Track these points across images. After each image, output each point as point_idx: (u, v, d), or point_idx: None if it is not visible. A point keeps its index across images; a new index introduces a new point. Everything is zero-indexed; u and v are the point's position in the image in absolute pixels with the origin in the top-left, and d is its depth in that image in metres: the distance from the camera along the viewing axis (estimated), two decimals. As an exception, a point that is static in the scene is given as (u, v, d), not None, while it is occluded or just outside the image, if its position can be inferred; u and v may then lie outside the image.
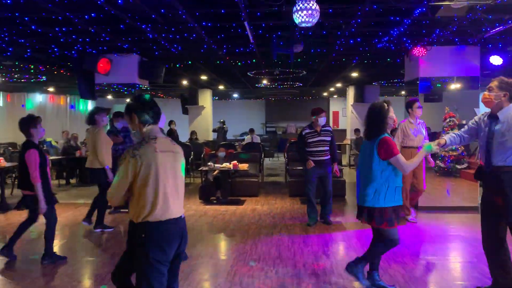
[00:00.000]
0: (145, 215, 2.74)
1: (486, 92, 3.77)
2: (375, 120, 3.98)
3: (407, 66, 9.01)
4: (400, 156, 3.86)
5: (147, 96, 2.96)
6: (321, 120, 6.95)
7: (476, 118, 4.02)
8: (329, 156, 7.03)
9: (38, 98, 17.78)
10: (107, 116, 7.14)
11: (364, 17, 5.92)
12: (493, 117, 3.76)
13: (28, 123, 5.06)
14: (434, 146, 4.01)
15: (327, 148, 6.99)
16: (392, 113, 4.03)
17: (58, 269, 5.12)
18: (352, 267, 4.24)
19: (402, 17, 5.99)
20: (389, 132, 4.08)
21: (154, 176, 2.75)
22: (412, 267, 4.99)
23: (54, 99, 18.73)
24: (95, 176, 6.78)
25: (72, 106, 19.78)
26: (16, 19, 5.77)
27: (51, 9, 5.32)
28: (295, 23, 4.81)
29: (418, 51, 7.89)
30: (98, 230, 6.81)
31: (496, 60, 7.91)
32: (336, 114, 24.34)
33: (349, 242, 6.15)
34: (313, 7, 4.57)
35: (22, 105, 16.89)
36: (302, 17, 4.62)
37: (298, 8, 4.61)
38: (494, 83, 3.72)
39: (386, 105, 3.98)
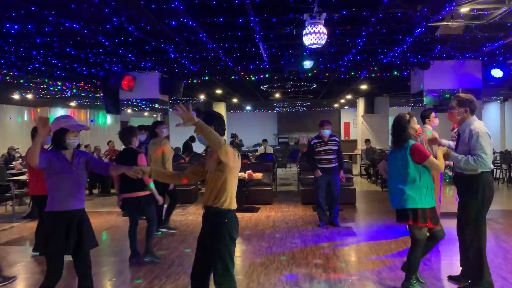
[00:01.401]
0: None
1: (449, 111, 4.31)
2: (398, 130, 4.42)
3: (413, 79, 9.48)
4: (432, 158, 4.29)
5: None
6: (324, 132, 7.52)
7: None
8: (336, 164, 7.62)
9: (60, 112, 18.61)
10: (167, 128, 7.60)
11: (368, 37, 6.46)
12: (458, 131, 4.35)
13: (130, 133, 5.76)
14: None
15: (334, 156, 7.58)
16: (414, 124, 4.45)
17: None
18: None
19: (404, 36, 6.51)
20: (415, 140, 4.53)
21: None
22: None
23: (75, 114, 19.56)
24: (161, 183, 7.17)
25: (92, 120, 20.59)
26: (53, 43, 6.43)
27: (86, 34, 5.96)
28: (305, 45, 5.36)
29: (423, 65, 8.33)
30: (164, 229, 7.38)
31: (497, 73, 8.35)
32: (347, 124, 24.77)
33: (359, 245, 6.59)
34: (321, 31, 5.11)
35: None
36: (311, 39, 5.16)
37: (307, 32, 5.16)
38: (454, 102, 4.28)
39: (408, 116, 4.43)
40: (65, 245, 3.46)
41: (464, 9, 5.25)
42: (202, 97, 15.21)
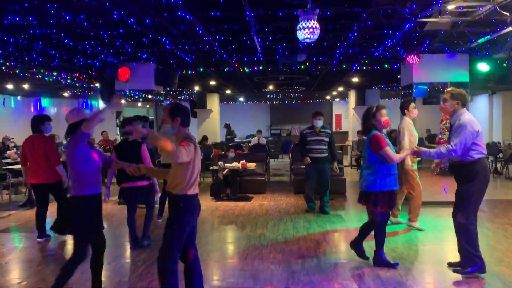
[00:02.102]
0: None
1: (442, 103, 4.60)
2: (364, 120, 4.96)
3: (403, 73, 9.75)
4: (386, 149, 4.63)
5: (185, 106, 3.86)
6: (316, 122, 7.82)
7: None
8: (326, 154, 7.91)
9: (53, 102, 18.67)
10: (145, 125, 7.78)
11: (360, 31, 6.68)
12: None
13: (132, 124, 6.05)
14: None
15: (325, 147, 7.90)
16: (380, 116, 4.79)
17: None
18: (353, 244, 5.22)
19: (394, 31, 6.74)
20: (382, 130, 4.85)
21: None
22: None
23: (68, 104, 19.59)
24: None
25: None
26: (53, 34, 6.57)
27: (85, 26, 6.11)
28: (299, 39, 5.57)
29: (412, 59, 8.62)
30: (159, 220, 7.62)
31: (483, 67, 8.64)
32: (338, 116, 25.07)
33: (347, 231, 6.87)
34: (314, 25, 5.33)
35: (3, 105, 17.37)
36: (305, 34, 5.37)
37: (301, 26, 5.37)
38: (447, 95, 4.59)
39: (374, 108, 4.79)
40: (98, 225, 3.97)
41: (451, 6, 5.49)
42: (196, 88, 15.37)
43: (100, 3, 4.93)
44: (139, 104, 20.70)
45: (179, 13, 5.54)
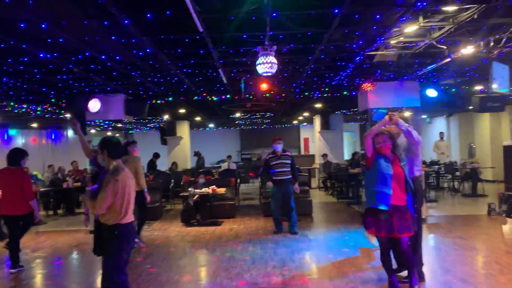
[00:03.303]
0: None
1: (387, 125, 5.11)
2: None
3: (360, 99, 10.44)
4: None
5: (115, 139, 4.31)
6: (275, 147, 8.45)
7: None
8: (289, 176, 8.40)
9: (21, 133, 18.55)
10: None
11: (316, 63, 7.29)
12: None
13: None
14: None
15: (288, 169, 8.39)
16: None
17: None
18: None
19: (346, 63, 7.38)
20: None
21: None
22: (360, 265, 6.16)
23: (37, 135, 19.49)
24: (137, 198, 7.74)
25: (54, 140, 20.54)
26: (26, 70, 6.86)
27: (58, 62, 6.45)
28: (259, 73, 6.09)
29: (366, 86, 9.29)
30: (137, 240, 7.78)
31: (431, 92, 9.40)
32: (306, 140, 25.80)
33: (313, 251, 7.27)
34: (272, 61, 5.86)
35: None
36: (264, 68, 5.90)
37: (260, 62, 5.90)
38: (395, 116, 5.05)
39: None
40: None
41: (393, 41, 6.15)
42: (166, 116, 15.71)
43: (74, 43, 5.30)
44: (109, 133, 20.84)
45: (148, 50, 5.98)
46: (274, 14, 4.64)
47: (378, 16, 5.04)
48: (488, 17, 4.97)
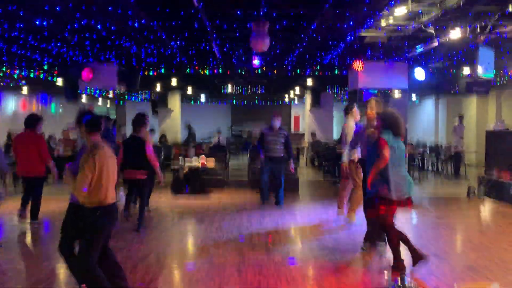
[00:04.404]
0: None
1: (368, 110, 5.27)
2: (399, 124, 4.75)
3: (350, 79, 10.62)
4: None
5: (93, 113, 4.17)
6: (274, 123, 8.41)
7: None
8: (281, 155, 8.52)
9: (12, 99, 18.45)
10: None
11: (308, 41, 7.42)
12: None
13: (139, 122, 6.71)
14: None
15: (280, 147, 8.47)
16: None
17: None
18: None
19: (338, 42, 7.52)
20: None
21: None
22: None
23: (27, 102, 19.38)
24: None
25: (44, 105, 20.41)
26: (20, 36, 6.90)
27: (53, 30, 6.50)
28: (251, 48, 6.22)
29: (356, 65, 9.45)
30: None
31: (419, 75, 9.60)
32: (297, 118, 25.95)
33: (296, 223, 7.56)
34: (265, 37, 5.99)
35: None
36: (256, 44, 6.03)
37: (253, 38, 6.03)
38: (372, 102, 5.21)
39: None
40: None
41: (383, 23, 6.30)
42: (158, 87, 15.71)
43: (71, 12, 5.37)
44: (99, 102, 20.75)
45: (143, 21, 6.06)
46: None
47: (368, -1, 5.20)
48: (473, 5, 5.14)
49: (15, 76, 11.59)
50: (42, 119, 6.90)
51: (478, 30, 6.19)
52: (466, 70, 9.73)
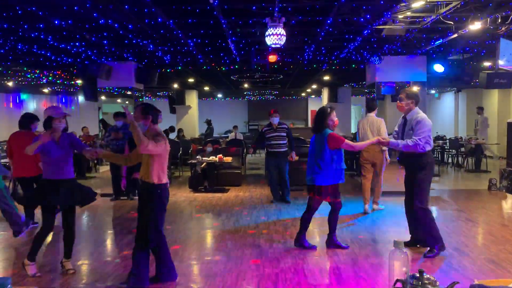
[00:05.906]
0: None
1: (398, 102, 5.23)
2: (319, 120, 5.42)
3: (367, 72, 10.53)
4: (347, 141, 5.25)
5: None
6: (272, 119, 8.55)
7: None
8: (285, 149, 8.61)
9: (33, 98, 18.88)
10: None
11: (324, 36, 7.38)
12: (404, 118, 5.24)
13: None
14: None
15: (284, 142, 8.57)
16: (333, 116, 5.41)
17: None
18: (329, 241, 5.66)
19: (355, 36, 7.46)
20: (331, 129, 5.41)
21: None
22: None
23: (47, 101, 19.80)
24: None
25: (65, 105, 20.87)
26: (40, 36, 7.04)
27: (72, 30, 6.62)
28: (267, 44, 6.22)
29: (373, 60, 9.32)
30: None
31: (438, 68, 9.46)
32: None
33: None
34: (280, 32, 5.98)
35: None
36: (273, 40, 6.03)
37: (269, 33, 6.02)
38: (403, 94, 5.18)
39: (329, 109, 5.40)
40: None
41: (400, 16, 6.23)
42: (175, 85, 15.88)
43: (88, 11, 5.46)
44: (119, 100, 21.09)
45: (159, 19, 6.12)
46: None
47: (385, -9, 5.14)
48: (494, -6, 5.04)
49: (36, 75, 11.85)
50: (37, 118, 6.75)
51: (499, 20, 6.06)
52: (488, 63, 9.55)
